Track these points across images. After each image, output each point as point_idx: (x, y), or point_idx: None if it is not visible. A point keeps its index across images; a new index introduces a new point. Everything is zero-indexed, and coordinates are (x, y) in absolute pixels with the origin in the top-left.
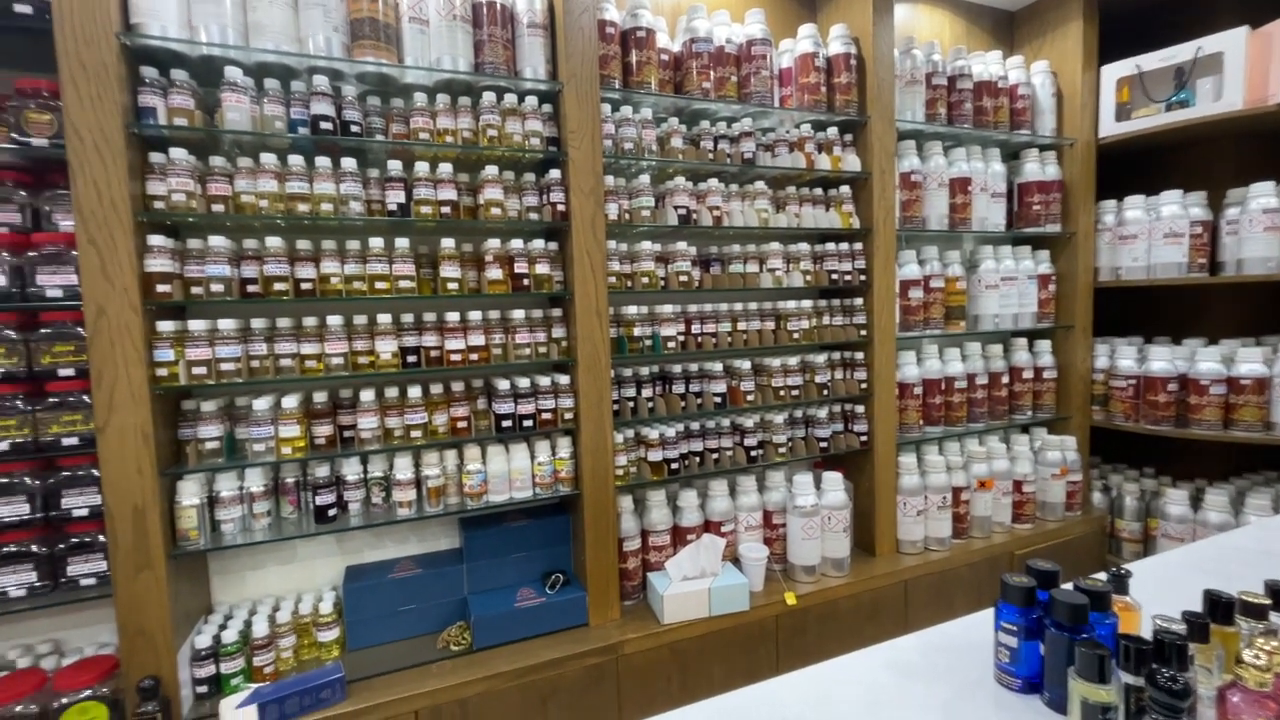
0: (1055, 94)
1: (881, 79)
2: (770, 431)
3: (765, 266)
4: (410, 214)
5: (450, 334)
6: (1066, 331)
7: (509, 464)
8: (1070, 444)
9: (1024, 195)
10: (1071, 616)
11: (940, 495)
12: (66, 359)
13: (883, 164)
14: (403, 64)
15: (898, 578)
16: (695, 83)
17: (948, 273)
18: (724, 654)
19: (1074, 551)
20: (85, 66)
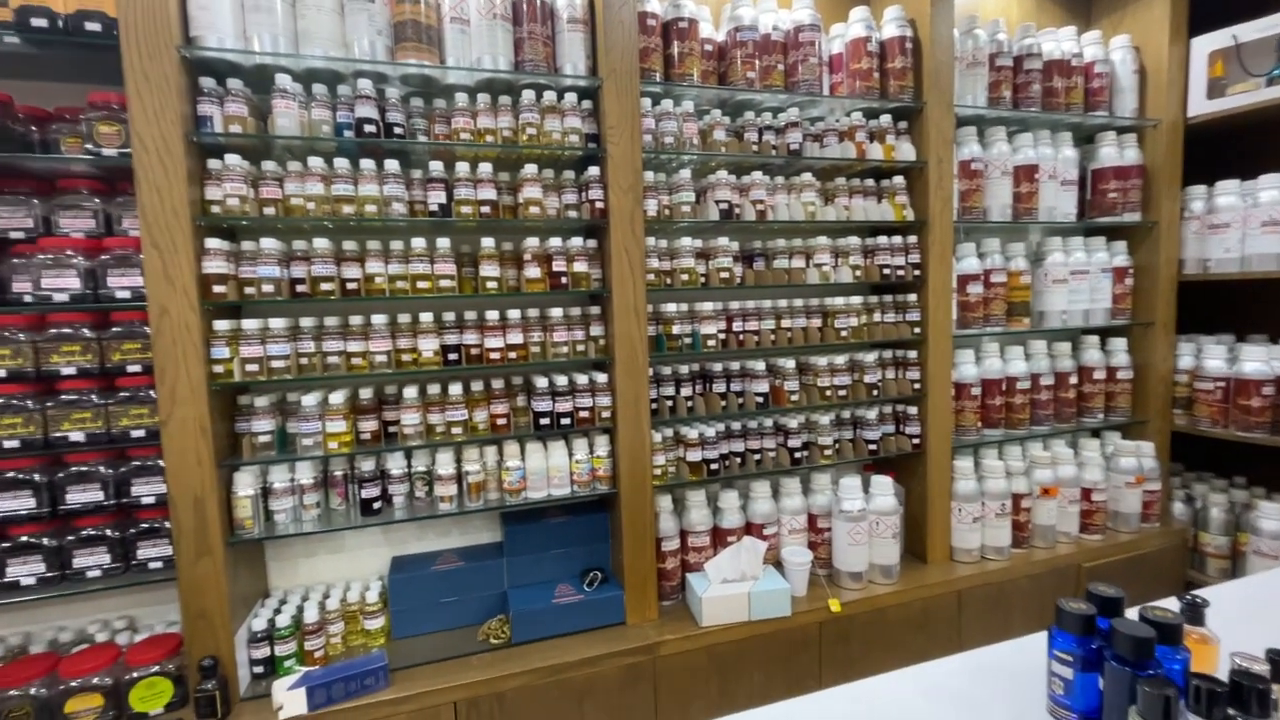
0: (1137, 70)
1: (940, 62)
2: (816, 433)
3: (812, 262)
4: (451, 214)
5: (490, 332)
6: (1145, 329)
7: (547, 461)
8: (1147, 450)
9: (1098, 182)
10: (1135, 650)
11: (999, 502)
12: (135, 356)
13: (940, 152)
14: (444, 65)
15: (950, 587)
16: (740, 73)
17: (1010, 266)
18: (764, 660)
19: (1150, 566)
20: (149, 79)
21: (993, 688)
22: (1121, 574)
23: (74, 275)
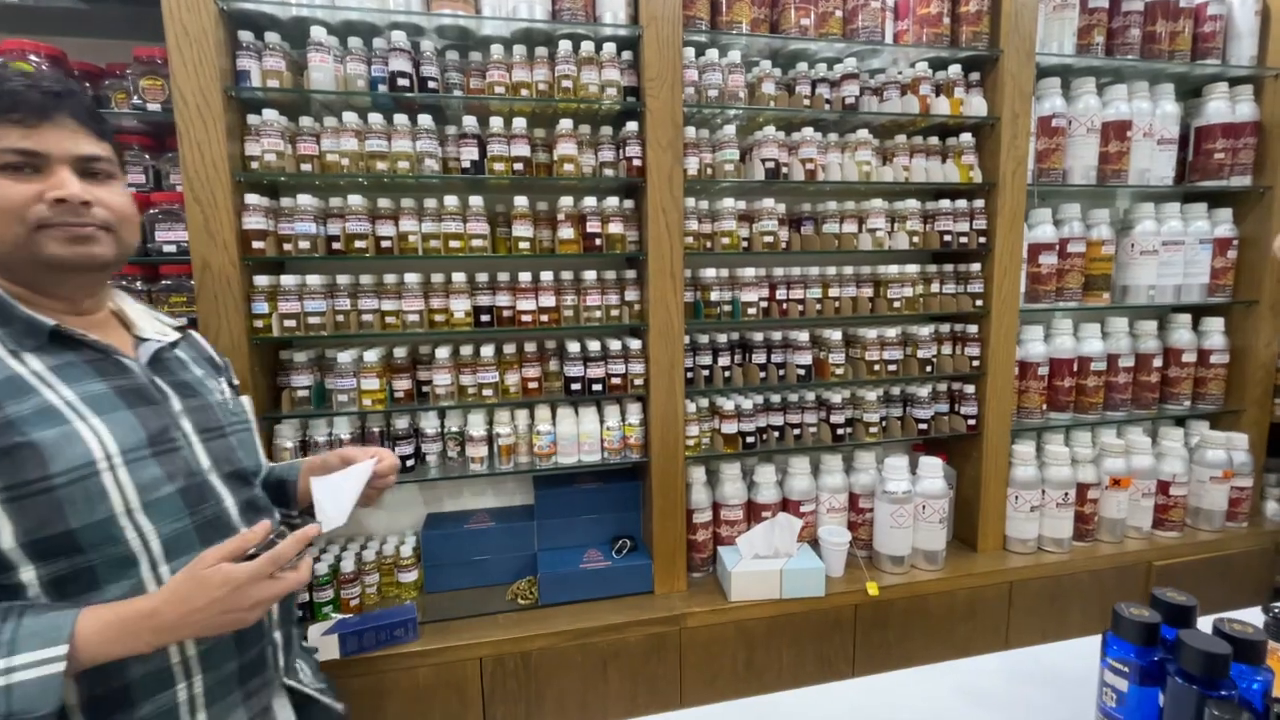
0: (1260, 11)
1: (1022, 4)
2: (861, 409)
3: (865, 226)
4: (484, 171)
5: (522, 294)
6: (1247, 308)
7: (578, 427)
8: (1240, 442)
9: (1203, 141)
10: (1207, 667)
11: (1061, 491)
12: (182, 309)
13: (1016, 106)
14: (480, 15)
15: (1002, 578)
16: (793, 20)
17: (1091, 235)
18: (794, 639)
19: (1232, 569)
20: (188, 31)
21: (1034, 692)
22: (1198, 576)
23: None
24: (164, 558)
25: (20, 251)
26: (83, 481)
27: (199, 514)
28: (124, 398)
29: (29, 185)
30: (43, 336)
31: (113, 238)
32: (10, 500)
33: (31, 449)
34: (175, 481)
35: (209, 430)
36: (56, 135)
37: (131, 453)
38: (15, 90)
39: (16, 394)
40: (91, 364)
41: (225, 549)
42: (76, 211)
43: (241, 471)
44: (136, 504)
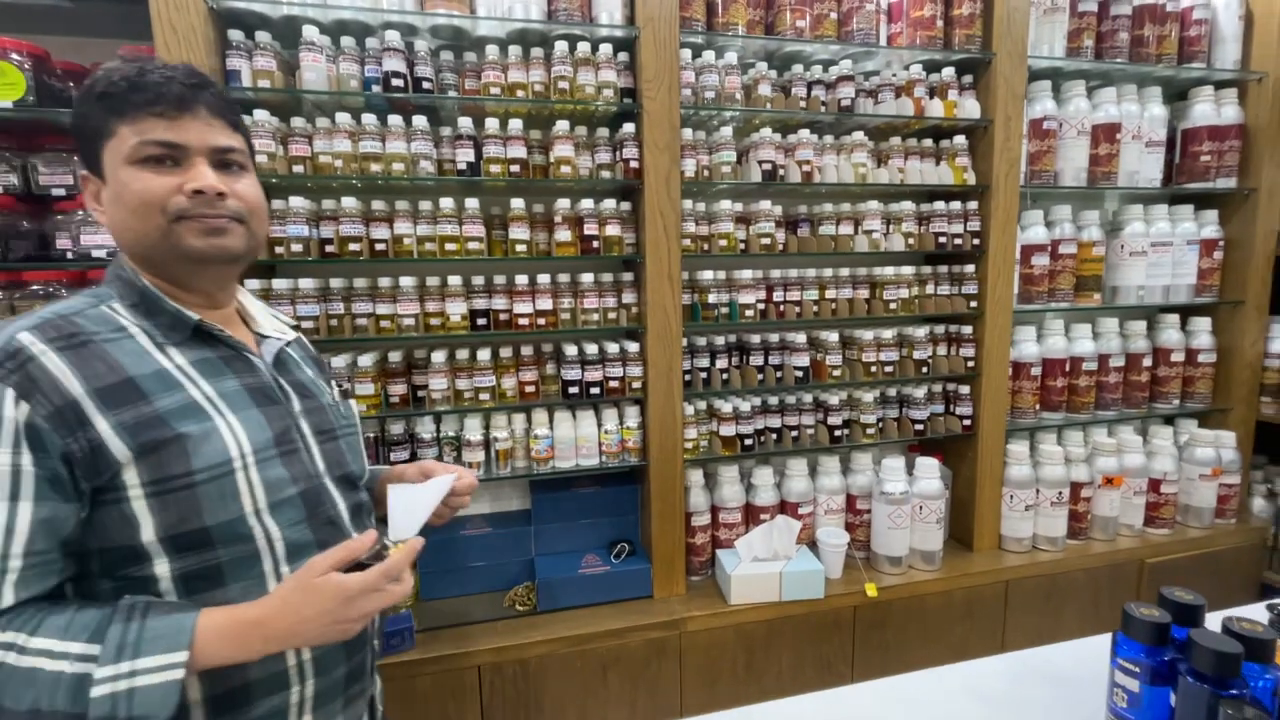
0: (1243, 16)
1: (1014, 7)
2: (858, 410)
3: (861, 228)
4: (480, 173)
5: (519, 297)
6: (1233, 308)
7: (576, 431)
8: (1228, 440)
9: (1189, 143)
10: (1219, 667)
11: (1055, 490)
12: None
13: (1008, 109)
14: (475, 14)
15: (997, 577)
16: (788, 22)
17: (1082, 236)
18: (793, 642)
19: (1222, 565)
20: (176, 30)
21: (1042, 692)
22: (1189, 572)
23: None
24: (285, 559)
25: (162, 243)
26: (219, 480)
27: (316, 517)
28: (253, 396)
29: (170, 177)
30: (187, 331)
31: (244, 230)
32: (155, 494)
33: (179, 444)
34: (297, 484)
35: (323, 433)
36: (195, 127)
37: (261, 452)
38: (157, 83)
39: (166, 388)
40: (225, 360)
41: (334, 557)
42: (212, 203)
43: (350, 475)
44: (264, 504)
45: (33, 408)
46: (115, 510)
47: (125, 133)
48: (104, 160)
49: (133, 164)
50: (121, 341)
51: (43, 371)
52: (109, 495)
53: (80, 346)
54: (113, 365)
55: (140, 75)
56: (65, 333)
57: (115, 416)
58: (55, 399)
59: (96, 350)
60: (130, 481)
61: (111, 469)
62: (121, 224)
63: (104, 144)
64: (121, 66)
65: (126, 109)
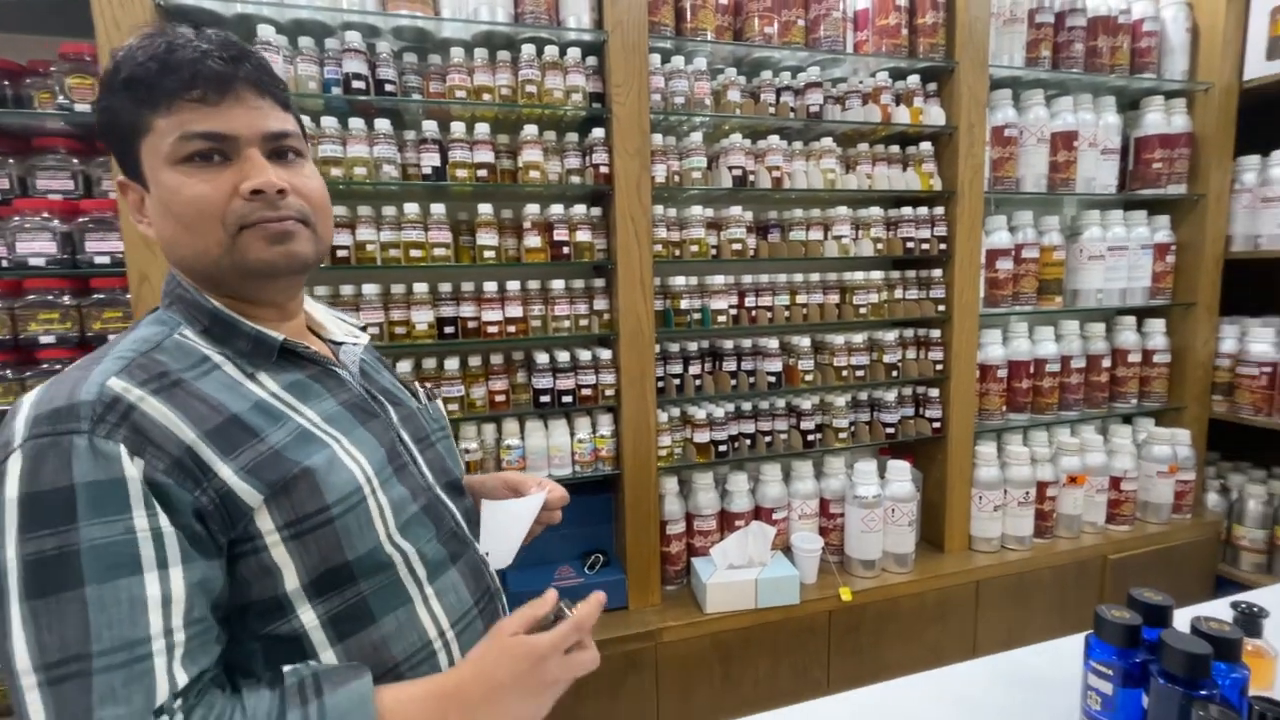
0: (1190, 29)
1: (975, 18)
2: (830, 415)
3: (830, 233)
4: (446, 178)
5: (487, 305)
6: (1185, 309)
7: (548, 440)
8: (1183, 438)
9: (1142, 151)
10: (1190, 668)
11: (1022, 490)
12: (116, 325)
13: (972, 116)
14: (439, 16)
15: (969, 577)
16: (756, 29)
17: (1043, 241)
18: (770, 648)
19: (1180, 559)
20: (120, 27)
21: (1018, 696)
22: (1150, 567)
23: (50, 239)
24: (428, 579)
25: (225, 260)
26: (355, 510)
27: (442, 530)
28: (355, 414)
29: (222, 178)
30: (272, 354)
31: (310, 233)
32: (295, 537)
33: (307, 479)
34: (417, 499)
35: (421, 440)
36: (241, 111)
37: (381, 473)
38: (191, 60)
39: (273, 421)
40: (315, 379)
41: (521, 619)
42: (274, 203)
43: (456, 481)
44: (394, 526)
45: (148, 463)
46: (253, 561)
47: (162, 127)
48: (143, 162)
49: (176, 164)
50: (211, 375)
51: (149, 421)
52: (245, 547)
53: (174, 387)
54: (213, 404)
55: (169, 52)
56: (155, 373)
57: (234, 460)
58: (171, 449)
59: (192, 389)
60: (265, 528)
61: (245, 517)
62: (174, 240)
63: (139, 143)
64: (145, 43)
65: (159, 97)
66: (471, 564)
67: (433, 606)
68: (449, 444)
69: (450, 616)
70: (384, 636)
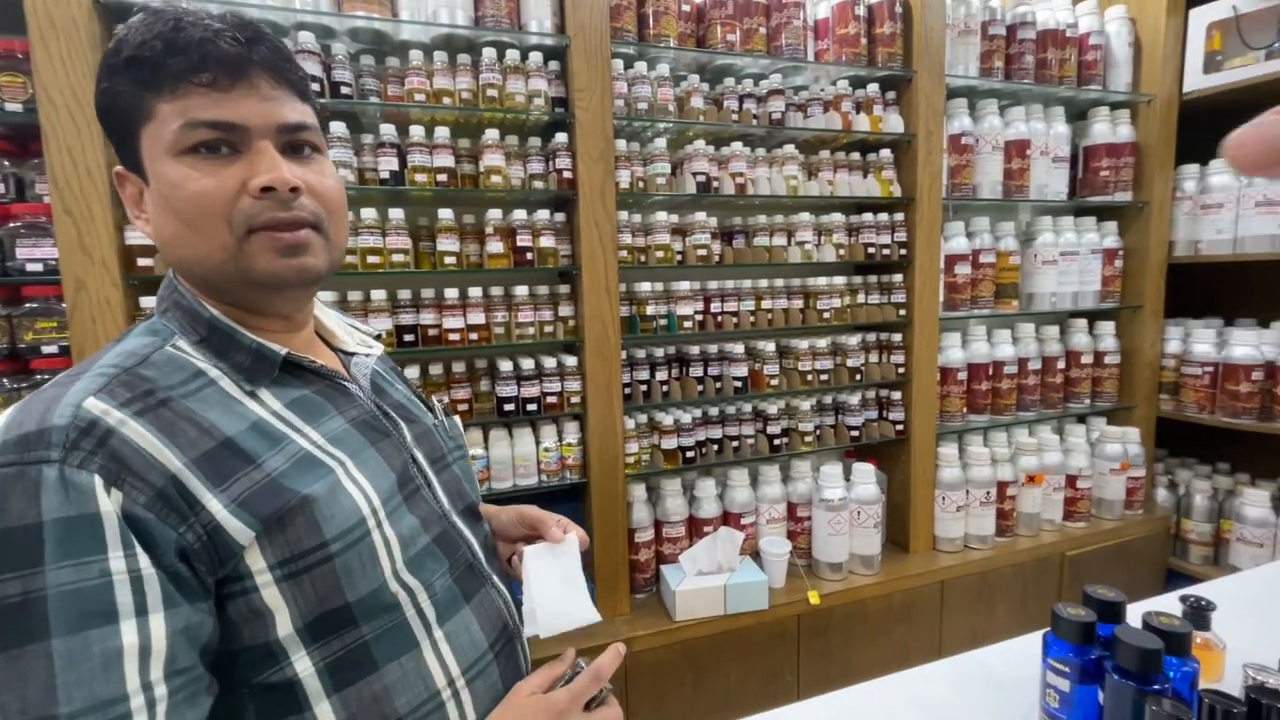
0: (1132, 43)
1: (930, 28)
2: (796, 418)
3: (794, 239)
4: (404, 182)
5: (449, 312)
6: (1133, 312)
7: (513, 450)
8: (1133, 436)
9: (1090, 160)
10: (1142, 663)
11: (984, 490)
12: (50, 335)
13: (929, 125)
14: (397, 18)
15: (933, 577)
16: (719, 36)
17: (1000, 246)
18: (740, 654)
19: (1132, 553)
20: (54, 24)
21: (982, 696)
22: (1105, 562)
23: None
24: (437, 621)
25: (228, 266)
26: (356, 545)
27: (456, 564)
28: (364, 434)
29: (229, 171)
30: (274, 369)
31: (323, 241)
32: (289, 576)
33: (306, 511)
34: (429, 530)
35: (436, 461)
36: (254, 99)
37: (389, 502)
38: (201, 40)
39: (271, 443)
40: (322, 394)
41: (539, 679)
42: (286, 203)
43: (473, 506)
44: (401, 562)
45: (127, 496)
46: (242, 604)
47: (165, 113)
48: (143, 151)
49: (179, 155)
50: (205, 392)
51: (130, 447)
52: (233, 587)
53: (161, 407)
54: (204, 426)
55: (176, 31)
56: (140, 391)
57: (225, 492)
58: (154, 480)
59: (181, 409)
60: (256, 566)
61: (234, 555)
62: (174, 238)
63: (140, 129)
64: (150, 19)
65: (164, 80)
66: (488, 600)
67: (442, 651)
68: (465, 465)
69: (462, 662)
70: (386, 686)
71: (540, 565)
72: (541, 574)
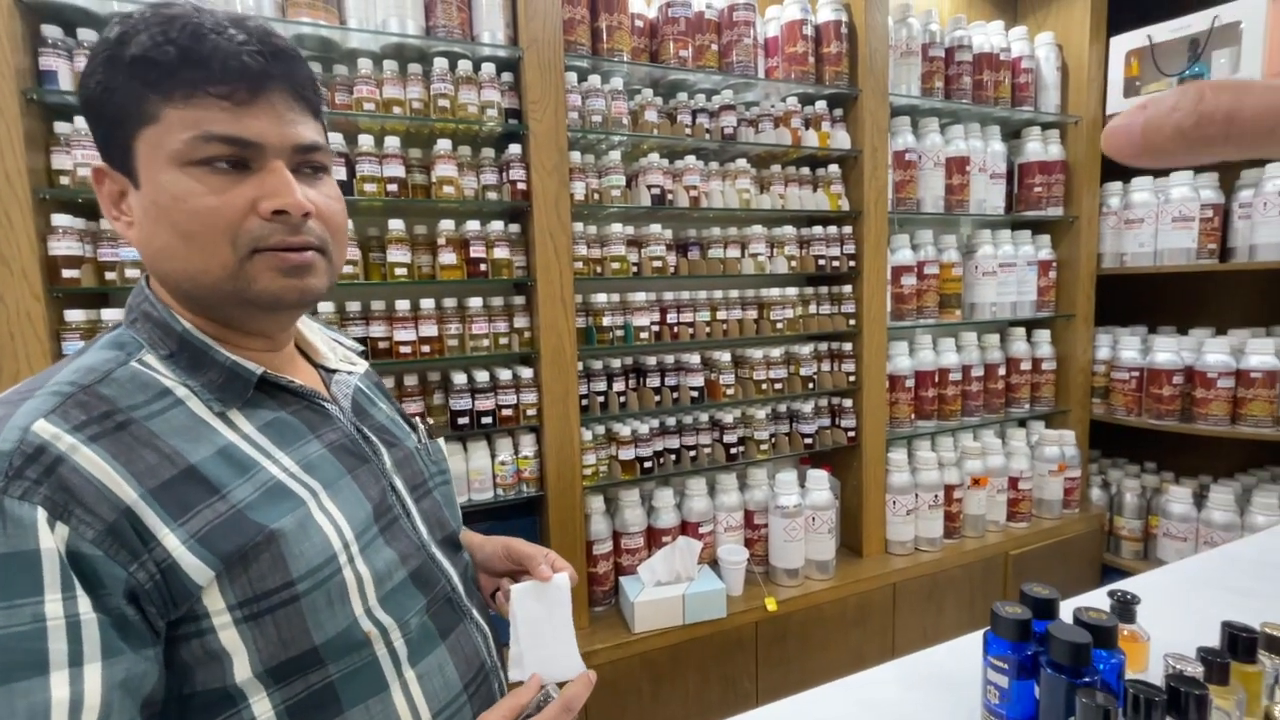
0: (1060, 68)
1: (874, 49)
2: (752, 427)
3: (747, 251)
4: (353, 192)
5: (399, 324)
6: (1067, 321)
7: (467, 464)
8: (1069, 439)
9: (1025, 176)
10: (1072, 657)
11: (932, 493)
12: None
13: (875, 141)
14: (345, 25)
15: (885, 580)
16: (672, 52)
17: (943, 258)
18: (699, 664)
19: (1071, 551)
20: None
21: (927, 695)
22: (1045, 560)
23: None
24: (409, 660)
25: (226, 285)
26: (325, 583)
27: (434, 598)
28: (341, 460)
29: (239, 190)
30: (248, 389)
31: (325, 263)
32: (250, 618)
33: (272, 547)
34: (407, 563)
35: (417, 487)
36: (271, 116)
37: (364, 535)
38: (224, 50)
39: (239, 471)
40: (298, 416)
41: (503, 711)
42: (296, 227)
43: (453, 536)
44: (374, 599)
45: (74, 530)
46: (197, 645)
47: (174, 120)
48: (137, 152)
49: (185, 166)
50: (170, 414)
51: (80, 476)
52: (188, 628)
53: (119, 431)
54: (166, 452)
55: (196, 40)
56: (97, 413)
57: (184, 526)
58: (105, 513)
59: (141, 433)
60: (214, 607)
61: (190, 595)
62: (163, 249)
63: (138, 130)
64: (163, 18)
65: (176, 86)
66: (465, 637)
67: (412, 694)
68: (448, 490)
69: (433, 705)
70: None
71: (527, 608)
72: (529, 619)
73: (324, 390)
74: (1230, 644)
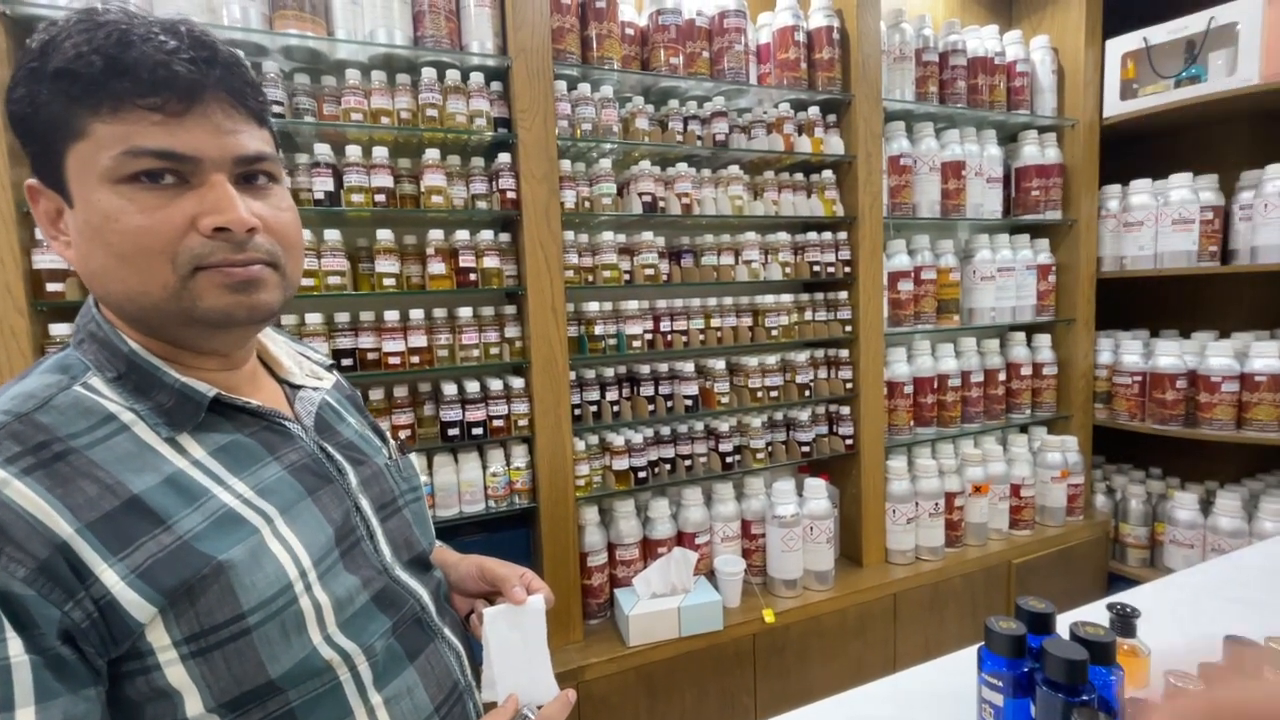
0: (1056, 71)
1: (867, 55)
2: (748, 436)
3: (741, 258)
4: (341, 203)
5: (388, 335)
6: (1067, 325)
7: (458, 476)
8: (1071, 444)
9: (1022, 180)
10: (1068, 675)
11: (932, 501)
12: None
13: (869, 147)
14: (333, 37)
15: (886, 590)
16: (662, 59)
17: (940, 264)
18: (696, 678)
19: (1075, 559)
20: None
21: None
22: (1049, 569)
23: None
24: (375, 684)
25: (168, 305)
26: (280, 614)
27: (402, 619)
28: (301, 481)
29: (176, 206)
30: (200, 412)
31: (278, 277)
32: (198, 654)
33: (220, 579)
34: (369, 587)
35: (385, 506)
36: (208, 127)
37: (323, 561)
38: (155, 60)
39: (186, 500)
40: (255, 437)
41: None
42: (240, 244)
43: (422, 556)
44: (334, 625)
45: (3, 569)
46: (143, 684)
47: (102, 134)
48: (68, 169)
49: (116, 183)
50: (113, 441)
51: (11, 511)
52: (132, 665)
53: (56, 461)
54: (108, 482)
55: (123, 49)
56: (33, 444)
57: (124, 560)
58: (37, 550)
59: (80, 463)
60: (159, 644)
61: (131, 633)
62: (102, 270)
63: (67, 147)
64: (87, 26)
65: (102, 99)
66: (436, 657)
67: (379, 719)
68: (419, 508)
69: None
70: None
71: (501, 634)
72: (503, 644)
73: (287, 408)
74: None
